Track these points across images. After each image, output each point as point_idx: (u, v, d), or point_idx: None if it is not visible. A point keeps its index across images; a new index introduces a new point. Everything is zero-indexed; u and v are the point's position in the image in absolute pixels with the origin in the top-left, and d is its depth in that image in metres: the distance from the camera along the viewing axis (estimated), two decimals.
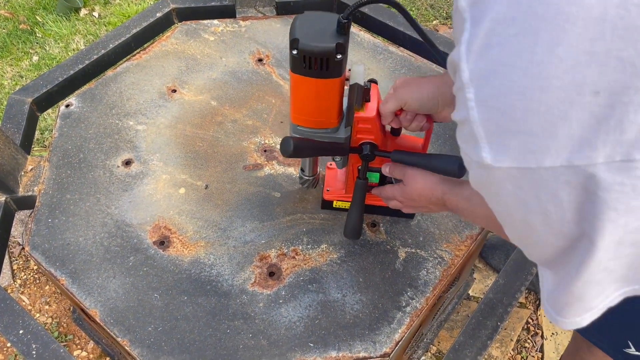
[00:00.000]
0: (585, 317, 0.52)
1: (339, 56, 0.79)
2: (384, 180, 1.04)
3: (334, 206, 1.14)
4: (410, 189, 0.91)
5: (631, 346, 0.93)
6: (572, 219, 0.44)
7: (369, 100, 0.91)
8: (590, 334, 1.01)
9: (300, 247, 1.09)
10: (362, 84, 0.87)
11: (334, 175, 1.14)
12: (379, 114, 0.91)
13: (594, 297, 0.50)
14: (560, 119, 0.40)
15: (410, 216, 1.14)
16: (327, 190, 1.12)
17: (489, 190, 0.50)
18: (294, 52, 0.79)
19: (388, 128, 0.97)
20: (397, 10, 0.82)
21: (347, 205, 1.12)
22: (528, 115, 0.41)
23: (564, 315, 0.53)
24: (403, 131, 0.97)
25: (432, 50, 0.90)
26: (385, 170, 0.97)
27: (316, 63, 0.80)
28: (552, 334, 1.67)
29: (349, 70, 0.87)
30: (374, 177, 1.04)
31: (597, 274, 0.47)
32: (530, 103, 0.41)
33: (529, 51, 0.40)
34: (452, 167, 0.84)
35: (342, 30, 0.79)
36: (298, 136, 0.93)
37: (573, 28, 0.38)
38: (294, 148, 0.86)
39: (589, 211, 0.43)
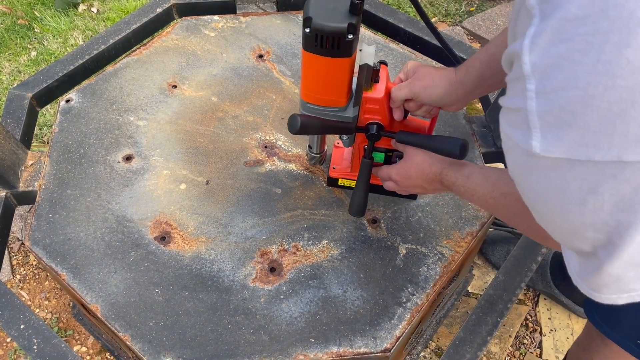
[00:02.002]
0: (622, 297, 0.54)
1: (350, 36, 0.80)
2: (389, 161, 1.06)
3: (339, 184, 1.16)
4: (409, 164, 0.95)
5: None
6: (608, 210, 0.47)
7: (377, 81, 0.92)
8: (603, 327, 1.02)
9: (301, 243, 1.09)
10: (372, 64, 0.88)
11: (341, 153, 1.16)
12: (387, 94, 0.93)
13: (632, 279, 0.52)
14: (619, 117, 0.42)
15: (413, 197, 1.15)
16: (334, 168, 1.15)
17: (528, 176, 0.52)
18: (307, 30, 0.80)
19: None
20: (413, 4, 0.84)
21: (352, 183, 1.14)
22: (587, 110, 0.43)
23: (601, 292, 0.55)
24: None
25: (442, 45, 0.93)
26: (393, 142, 1.00)
27: (327, 42, 0.81)
28: (551, 330, 1.68)
29: (360, 50, 0.88)
30: (379, 157, 1.05)
31: (636, 256, 0.49)
32: (592, 99, 0.42)
33: (597, 50, 0.41)
34: (454, 149, 0.87)
35: (355, 11, 0.80)
36: (306, 113, 0.95)
37: None
38: (301, 125, 0.87)
39: (629, 203, 0.46)
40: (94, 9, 2.72)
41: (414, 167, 0.94)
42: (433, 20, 2.69)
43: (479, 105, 2.15)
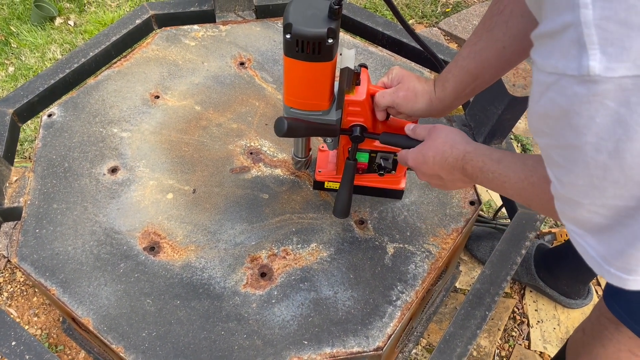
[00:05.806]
0: None
1: (330, 40, 0.82)
2: (372, 162, 1.08)
3: (325, 187, 1.18)
4: (427, 146, 0.86)
5: None
6: None
7: (359, 84, 0.94)
8: (627, 320, 1.04)
9: (291, 247, 1.10)
10: (353, 67, 0.90)
11: (326, 157, 1.18)
12: (369, 97, 0.95)
13: None
14: None
15: (398, 197, 1.17)
16: (319, 172, 1.16)
17: (575, 115, 0.43)
18: (287, 36, 0.82)
19: None
20: (387, 5, 0.87)
21: (337, 186, 1.16)
22: None
23: (636, 273, 0.51)
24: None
25: (421, 45, 0.96)
26: (409, 130, 0.95)
27: (308, 47, 0.83)
28: (538, 321, 1.71)
29: (340, 54, 0.91)
30: (363, 158, 1.07)
31: None
32: None
33: None
34: None
35: (334, 16, 0.82)
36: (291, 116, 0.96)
37: None
38: (288, 127, 0.89)
39: None
40: (71, 22, 2.70)
41: (432, 150, 0.84)
42: (410, 22, 2.72)
43: None
